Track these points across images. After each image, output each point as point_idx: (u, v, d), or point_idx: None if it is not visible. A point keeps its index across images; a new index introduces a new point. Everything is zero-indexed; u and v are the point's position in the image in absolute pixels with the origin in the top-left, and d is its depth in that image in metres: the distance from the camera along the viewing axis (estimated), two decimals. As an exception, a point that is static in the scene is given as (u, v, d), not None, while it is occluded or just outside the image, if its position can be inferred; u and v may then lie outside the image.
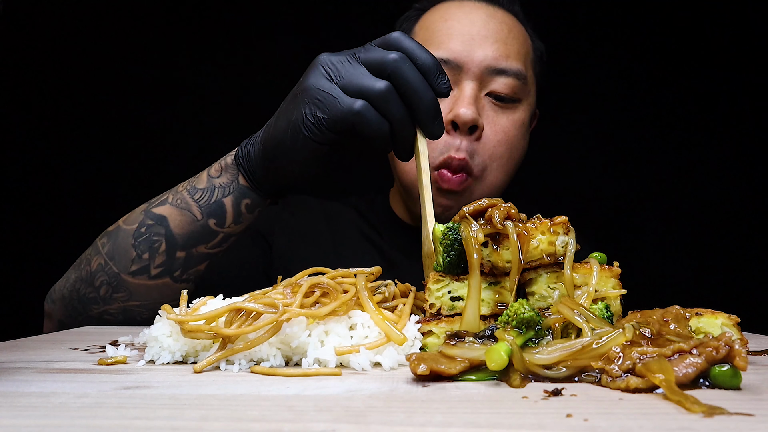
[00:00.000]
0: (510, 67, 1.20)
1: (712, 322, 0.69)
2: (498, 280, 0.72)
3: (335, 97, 0.83)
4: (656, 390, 0.51)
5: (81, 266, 1.08)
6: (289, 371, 0.60)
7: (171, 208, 1.02)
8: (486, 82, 1.20)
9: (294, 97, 0.89)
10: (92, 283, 1.04)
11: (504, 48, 1.21)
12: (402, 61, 0.81)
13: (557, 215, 0.71)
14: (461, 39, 1.20)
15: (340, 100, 0.83)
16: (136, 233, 1.02)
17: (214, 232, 1.01)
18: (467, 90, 1.18)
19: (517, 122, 1.24)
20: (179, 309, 0.70)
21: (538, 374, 0.56)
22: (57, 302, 1.11)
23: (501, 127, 1.21)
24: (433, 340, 0.69)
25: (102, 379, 0.57)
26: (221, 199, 1.00)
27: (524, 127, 1.27)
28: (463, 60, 1.19)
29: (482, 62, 1.19)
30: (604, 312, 0.66)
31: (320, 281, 0.70)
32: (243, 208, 1.01)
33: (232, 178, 1.00)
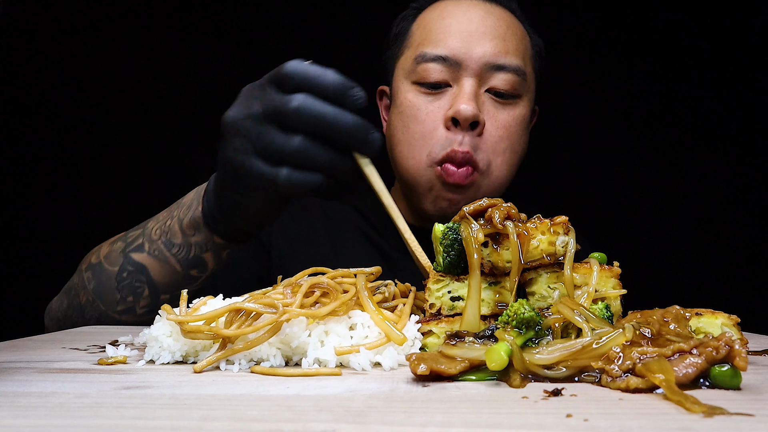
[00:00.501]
0: (509, 63, 1.20)
1: (712, 322, 0.69)
2: (498, 280, 0.72)
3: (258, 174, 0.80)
4: (656, 390, 0.51)
5: (71, 294, 1.10)
6: (289, 371, 0.60)
7: (149, 258, 1.02)
8: (485, 79, 1.20)
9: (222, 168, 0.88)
10: (83, 315, 1.07)
11: (503, 44, 1.21)
12: (305, 105, 0.76)
13: (557, 215, 0.71)
14: (459, 36, 1.20)
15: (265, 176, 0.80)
16: (118, 277, 1.03)
17: (196, 277, 1.03)
18: (467, 86, 1.17)
19: (518, 118, 1.23)
20: (179, 309, 0.70)
21: (538, 374, 0.56)
22: (53, 322, 1.13)
23: (502, 123, 1.21)
24: (433, 340, 0.69)
25: (102, 379, 0.57)
26: (200, 255, 1.01)
27: (525, 123, 1.27)
28: (461, 57, 1.18)
29: (481, 58, 1.18)
30: (604, 312, 0.66)
31: (320, 281, 0.70)
32: (224, 256, 1.03)
33: (207, 237, 0.99)
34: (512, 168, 1.26)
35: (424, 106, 1.20)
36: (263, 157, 0.80)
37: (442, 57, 1.19)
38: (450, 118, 1.17)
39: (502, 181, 1.24)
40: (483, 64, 1.18)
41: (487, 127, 1.19)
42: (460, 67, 1.18)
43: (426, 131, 1.19)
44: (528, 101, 1.27)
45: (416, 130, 1.20)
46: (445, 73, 1.19)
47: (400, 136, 1.24)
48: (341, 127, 0.77)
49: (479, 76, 1.19)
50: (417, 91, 1.22)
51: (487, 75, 1.20)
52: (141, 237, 1.04)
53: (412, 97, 1.22)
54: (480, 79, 1.19)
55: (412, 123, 1.21)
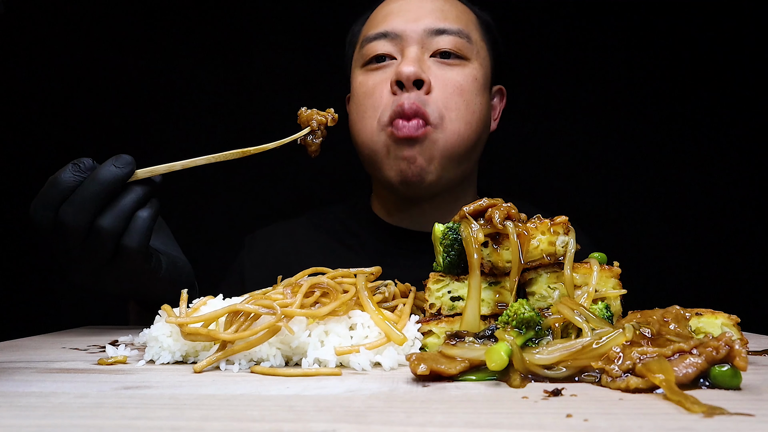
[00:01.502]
0: (449, 26, 1.21)
1: (712, 322, 0.69)
2: (498, 280, 0.72)
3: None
4: (656, 390, 0.51)
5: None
6: (289, 371, 0.60)
7: None
8: (428, 45, 1.20)
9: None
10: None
11: (441, 13, 1.22)
12: (68, 213, 0.79)
13: (557, 215, 0.71)
14: (399, 15, 1.22)
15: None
16: None
17: None
18: (410, 52, 1.18)
19: (469, 77, 1.21)
20: (179, 309, 0.70)
21: (538, 374, 0.56)
22: None
23: (451, 80, 1.19)
24: (433, 340, 0.69)
25: (102, 379, 0.57)
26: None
27: (479, 84, 1.23)
28: (401, 29, 1.20)
29: (420, 26, 1.20)
30: (604, 312, 0.66)
31: (320, 281, 0.70)
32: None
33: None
34: (471, 126, 1.20)
35: (371, 80, 1.21)
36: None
37: (383, 33, 1.21)
38: (395, 82, 1.16)
39: (461, 135, 1.18)
40: (422, 31, 1.19)
41: (436, 85, 1.17)
42: (401, 39, 1.20)
43: (375, 102, 1.19)
44: (479, 66, 1.24)
45: (366, 104, 1.21)
46: (389, 46, 1.21)
47: (354, 117, 1.24)
48: (90, 197, 0.79)
49: (422, 44, 1.19)
50: (365, 72, 1.23)
51: (429, 41, 1.20)
52: None
53: (361, 78, 1.24)
54: (423, 46, 1.20)
55: (363, 99, 1.22)
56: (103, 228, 0.80)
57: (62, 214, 0.79)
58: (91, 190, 0.79)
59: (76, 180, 0.80)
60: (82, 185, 0.80)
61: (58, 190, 0.80)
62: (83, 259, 0.83)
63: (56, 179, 0.80)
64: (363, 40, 1.25)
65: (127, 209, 0.81)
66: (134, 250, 0.82)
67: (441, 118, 1.16)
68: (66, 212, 0.79)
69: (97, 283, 0.89)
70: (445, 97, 1.17)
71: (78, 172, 0.80)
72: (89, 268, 0.85)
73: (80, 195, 0.79)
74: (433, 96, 1.17)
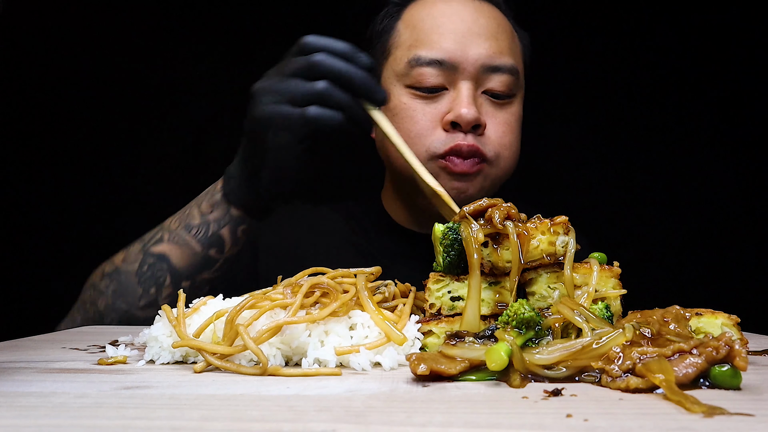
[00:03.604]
0: (504, 63, 1.20)
1: (712, 322, 0.69)
2: (498, 280, 0.72)
3: (288, 114, 0.94)
4: (656, 390, 0.51)
5: (86, 308, 1.14)
6: (289, 371, 0.60)
7: (169, 245, 1.09)
8: (481, 81, 1.19)
9: (252, 130, 1.00)
10: (102, 322, 1.10)
11: (496, 44, 1.20)
12: (326, 58, 0.92)
13: (557, 215, 0.71)
14: (453, 38, 1.18)
15: (294, 115, 0.93)
16: (139, 272, 1.09)
17: (214, 259, 1.10)
18: (464, 90, 1.16)
19: (516, 114, 1.25)
20: (176, 310, 0.69)
21: (538, 374, 0.56)
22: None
23: (503, 120, 1.21)
24: (433, 340, 0.69)
25: (102, 379, 0.57)
26: (218, 232, 1.09)
27: (521, 119, 1.28)
28: (457, 60, 1.17)
29: (477, 61, 1.17)
30: (604, 312, 0.66)
31: (320, 281, 0.70)
32: (240, 234, 1.10)
33: (224, 211, 1.09)
34: (516, 156, 1.27)
35: (421, 108, 1.19)
36: (291, 102, 0.93)
37: (438, 61, 1.17)
38: (450, 122, 1.16)
39: (510, 168, 1.26)
40: (479, 66, 1.18)
41: (489, 124, 1.19)
42: (456, 70, 1.17)
43: (423, 131, 1.18)
44: (521, 98, 1.28)
45: (412, 129, 1.19)
46: (441, 77, 1.18)
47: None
48: (354, 76, 0.93)
49: (475, 79, 1.18)
50: (412, 95, 1.20)
51: (483, 77, 1.19)
52: (160, 232, 1.12)
53: (407, 101, 1.20)
54: (476, 82, 1.19)
55: (407, 123, 1.19)
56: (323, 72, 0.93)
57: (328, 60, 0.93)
58: (359, 75, 0.94)
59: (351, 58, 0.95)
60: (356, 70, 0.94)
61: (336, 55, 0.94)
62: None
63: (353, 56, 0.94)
64: (413, 60, 1.19)
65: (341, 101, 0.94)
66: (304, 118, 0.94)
67: (496, 156, 1.20)
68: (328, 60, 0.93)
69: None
70: (499, 137, 1.21)
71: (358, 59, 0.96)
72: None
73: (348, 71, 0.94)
74: (488, 135, 1.19)
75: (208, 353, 0.62)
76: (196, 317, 0.70)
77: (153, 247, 1.10)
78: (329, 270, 0.76)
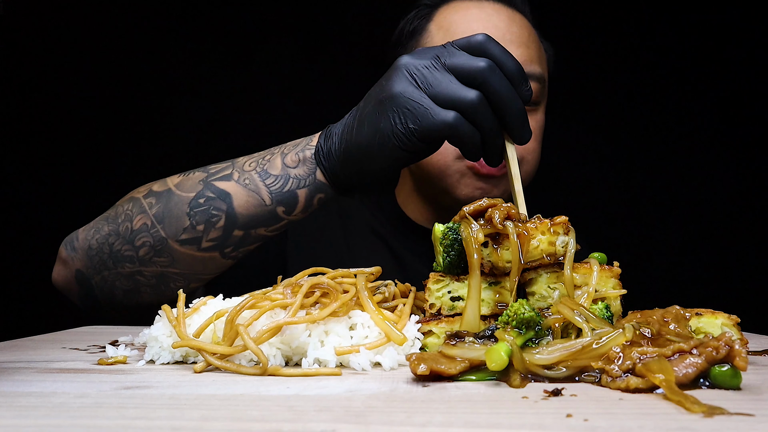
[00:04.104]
0: (533, 71, 1.22)
1: (712, 322, 0.69)
2: (498, 280, 0.72)
3: (426, 108, 0.82)
4: (656, 390, 0.51)
5: (119, 221, 1.04)
6: (289, 371, 0.60)
7: (237, 186, 0.99)
8: None
9: (380, 103, 0.87)
10: (132, 242, 1.01)
11: (527, 52, 1.22)
12: (491, 70, 0.80)
13: (557, 215, 0.71)
14: None
15: (432, 112, 0.82)
16: (193, 202, 0.99)
17: (279, 218, 0.99)
18: None
19: (540, 122, 1.28)
20: (176, 310, 0.69)
21: (538, 374, 0.56)
22: (80, 251, 1.07)
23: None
24: (433, 340, 0.69)
25: (102, 379, 0.57)
26: (295, 190, 0.98)
27: (543, 128, 1.31)
28: None
29: None
30: (604, 312, 0.66)
31: (320, 281, 0.70)
32: (315, 201, 1.00)
33: (309, 171, 0.98)
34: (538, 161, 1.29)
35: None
36: (435, 98, 0.82)
37: None
38: None
39: (530, 176, 1.28)
40: None
41: None
42: None
43: None
44: (544, 106, 1.31)
45: None
46: None
47: None
48: (511, 105, 0.81)
49: None
50: None
51: None
52: (230, 168, 1.01)
53: None
54: None
55: None
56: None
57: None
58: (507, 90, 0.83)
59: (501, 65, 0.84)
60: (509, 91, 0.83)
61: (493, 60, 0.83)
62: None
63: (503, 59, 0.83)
64: None
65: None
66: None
67: (522, 160, 1.22)
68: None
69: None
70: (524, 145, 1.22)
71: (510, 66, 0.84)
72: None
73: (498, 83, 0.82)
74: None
75: (208, 353, 0.62)
76: (196, 317, 0.70)
77: (218, 182, 0.99)
78: (329, 270, 0.76)
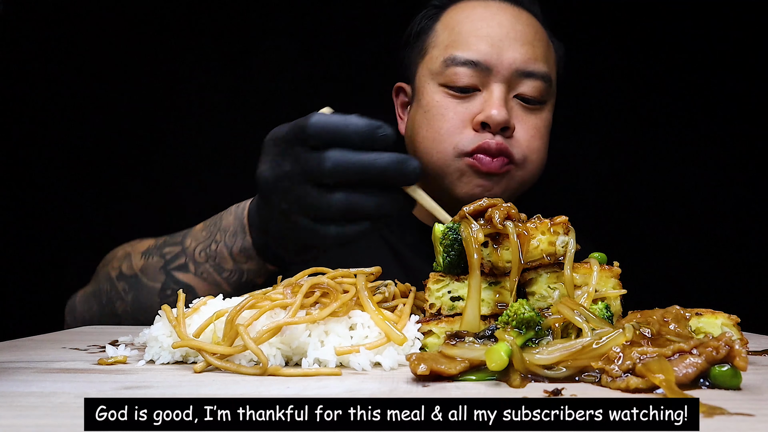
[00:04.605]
0: (538, 69, 1.21)
1: (712, 322, 0.69)
2: (498, 280, 0.72)
3: (307, 229, 0.80)
4: (656, 390, 0.51)
5: (103, 301, 1.12)
6: (289, 371, 0.60)
7: (196, 279, 1.04)
8: (514, 85, 1.20)
9: (277, 223, 0.86)
10: (120, 322, 1.10)
11: (531, 50, 1.21)
12: (339, 162, 0.75)
13: (557, 215, 0.71)
14: (489, 41, 1.20)
15: (314, 232, 0.80)
16: (161, 294, 1.05)
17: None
18: (496, 92, 1.18)
19: (545, 121, 1.26)
20: (176, 310, 0.69)
21: (538, 374, 0.56)
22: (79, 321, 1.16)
23: (532, 125, 1.22)
24: (433, 340, 0.69)
25: (102, 379, 0.57)
26: (254, 279, 1.03)
27: (550, 126, 1.29)
28: (492, 62, 1.18)
29: (511, 65, 1.19)
30: (604, 312, 0.66)
31: (320, 281, 0.70)
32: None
33: (259, 264, 1.00)
34: (543, 162, 1.27)
35: (453, 107, 1.20)
36: (309, 216, 0.80)
37: (473, 62, 1.18)
38: (480, 123, 1.17)
39: (536, 173, 1.26)
40: (513, 70, 1.19)
41: (518, 130, 1.20)
42: (490, 72, 1.18)
43: (453, 128, 1.19)
44: (551, 106, 1.29)
45: (442, 126, 1.20)
46: (475, 78, 1.19)
47: (424, 133, 1.23)
48: (378, 170, 0.76)
49: (508, 82, 1.19)
50: (444, 93, 1.21)
51: (516, 81, 1.20)
52: (182, 256, 1.05)
53: (439, 99, 1.22)
54: (509, 85, 1.20)
55: (438, 121, 1.21)
56: (350, 202, 0.78)
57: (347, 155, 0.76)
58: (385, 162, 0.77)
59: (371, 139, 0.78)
60: (381, 156, 0.77)
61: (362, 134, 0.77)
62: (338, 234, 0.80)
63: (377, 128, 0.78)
64: (448, 59, 1.20)
65: (373, 209, 0.80)
66: (328, 239, 0.81)
67: (524, 159, 1.21)
68: (352, 156, 0.76)
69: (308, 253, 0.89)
70: (528, 140, 1.21)
71: (381, 134, 0.78)
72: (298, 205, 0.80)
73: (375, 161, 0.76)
74: (516, 138, 1.20)
75: (208, 353, 0.62)
76: (196, 317, 0.70)
77: (177, 273, 1.05)
78: (329, 270, 0.77)
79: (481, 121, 1.16)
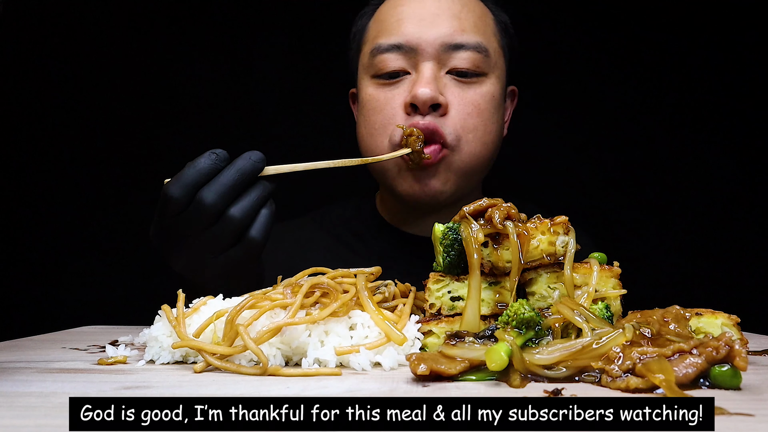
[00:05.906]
0: (467, 40, 1.15)
1: (712, 322, 0.69)
2: (498, 280, 0.72)
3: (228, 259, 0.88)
4: (656, 390, 0.51)
5: None
6: (289, 371, 0.60)
7: None
8: (444, 60, 1.15)
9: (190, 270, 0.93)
10: None
11: (458, 23, 1.16)
12: (214, 190, 0.84)
13: (557, 215, 0.71)
14: (412, 22, 1.16)
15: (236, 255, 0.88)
16: None
17: None
18: (425, 70, 1.12)
19: (486, 95, 1.17)
20: (176, 310, 0.69)
21: (538, 374, 0.56)
22: None
23: (469, 100, 1.15)
24: (433, 340, 0.69)
25: (102, 379, 0.57)
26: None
27: (495, 101, 1.20)
28: (416, 42, 1.14)
29: (436, 40, 1.13)
30: (604, 312, 0.66)
31: (320, 281, 0.70)
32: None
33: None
34: (488, 146, 1.18)
35: (384, 96, 1.16)
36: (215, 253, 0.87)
37: (396, 45, 1.14)
38: (408, 104, 1.12)
39: (477, 156, 1.17)
40: (439, 45, 1.14)
41: (454, 106, 1.14)
42: (416, 52, 1.14)
43: (386, 120, 1.15)
44: (496, 79, 1.20)
45: (376, 120, 1.16)
46: (402, 60, 1.15)
47: (362, 130, 1.21)
48: (230, 184, 0.84)
49: (437, 59, 1.14)
50: (376, 84, 1.18)
51: (445, 56, 1.14)
52: None
53: (371, 91, 1.18)
54: (439, 62, 1.14)
55: (372, 115, 1.17)
56: (234, 217, 0.84)
57: (203, 196, 0.83)
58: (231, 177, 0.84)
59: (216, 167, 0.85)
60: (223, 172, 0.85)
61: (199, 173, 0.84)
62: (202, 244, 0.86)
63: (197, 164, 0.85)
64: (374, 49, 1.17)
65: (256, 203, 0.86)
66: (259, 243, 0.87)
67: (458, 140, 1.13)
68: (207, 194, 0.83)
69: (197, 272, 0.90)
70: (463, 118, 1.14)
71: (217, 160, 0.85)
72: (200, 255, 0.87)
73: (220, 181, 0.84)
74: (450, 116, 1.13)
75: (208, 353, 0.62)
76: (196, 317, 0.70)
77: None
78: (329, 270, 0.76)
79: (410, 103, 1.11)
